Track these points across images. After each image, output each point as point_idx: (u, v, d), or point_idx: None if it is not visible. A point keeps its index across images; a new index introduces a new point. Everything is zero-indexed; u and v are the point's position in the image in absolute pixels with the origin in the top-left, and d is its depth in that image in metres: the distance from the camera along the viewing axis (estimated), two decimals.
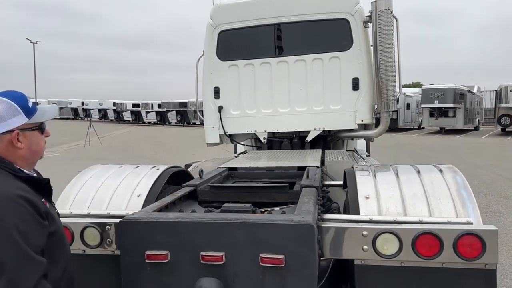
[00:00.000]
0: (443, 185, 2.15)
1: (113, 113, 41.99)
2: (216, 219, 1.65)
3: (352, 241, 1.78)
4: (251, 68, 4.48)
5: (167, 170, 2.70)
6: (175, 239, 1.66)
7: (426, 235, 1.71)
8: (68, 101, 49.91)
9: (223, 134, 4.56)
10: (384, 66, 4.09)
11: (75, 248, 2.05)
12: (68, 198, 2.50)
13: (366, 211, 2.07)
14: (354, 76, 4.28)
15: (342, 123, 4.37)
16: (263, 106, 4.48)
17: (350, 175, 2.38)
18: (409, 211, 2.04)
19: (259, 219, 1.62)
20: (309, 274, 1.57)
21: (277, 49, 4.45)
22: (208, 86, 4.57)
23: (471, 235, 1.67)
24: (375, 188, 2.18)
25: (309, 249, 1.56)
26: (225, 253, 1.62)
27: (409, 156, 13.94)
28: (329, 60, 4.33)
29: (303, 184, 2.29)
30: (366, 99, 4.28)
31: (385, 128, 4.31)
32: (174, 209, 2.14)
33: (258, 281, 1.61)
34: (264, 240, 1.59)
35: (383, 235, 1.74)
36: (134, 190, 2.47)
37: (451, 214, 1.99)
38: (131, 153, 15.73)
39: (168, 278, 1.67)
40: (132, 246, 1.70)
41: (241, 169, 3.09)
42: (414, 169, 2.37)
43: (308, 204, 1.86)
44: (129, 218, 1.72)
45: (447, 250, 1.70)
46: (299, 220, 1.58)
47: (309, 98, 4.39)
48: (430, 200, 2.07)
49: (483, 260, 1.68)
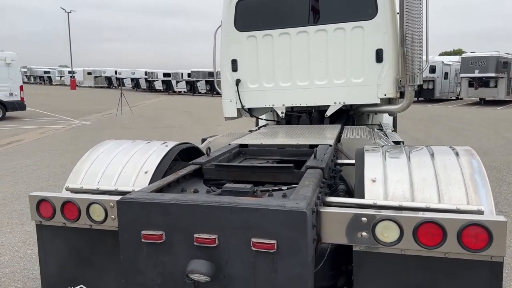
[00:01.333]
0: (456, 169, 2.02)
1: (145, 82, 42.64)
2: (209, 202, 1.63)
3: (350, 227, 1.72)
4: (270, 39, 4.35)
5: (175, 147, 2.70)
6: (170, 220, 1.67)
7: (429, 224, 1.62)
8: (102, 70, 51.09)
9: (241, 108, 4.51)
10: (410, 36, 3.83)
11: (82, 223, 2.13)
12: (80, 172, 2.57)
13: (372, 195, 1.99)
14: (378, 47, 4.06)
15: (364, 98, 4.20)
16: (281, 79, 4.37)
17: (359, 155, 2.29)
18: (417, 196, 1.94)
19: (251, 203, 1.59)
20: (301, 260, 1.54)
21: (297, 19, 4.27)
22: (225, 59, 4.49)
23: (477, 226, 1.57)
24: (384, 171, 2.09)
25: (302, 235, 1.52)
26: (218, 236, 1.61)
27: (442, 129, 13.39)
28: (352, 30, 4.12)
29: (308, 165, 2.22)
30: (390, 72, 4.07)
31: (409, 103, 4.11)
32: (177, 188, 2.15)
33: (251, 265, 1.60)
34: (257, 225, 1.57)
35: (383, 222, 1.67)
36: (142, 167, 2.50)
37: (462, 201, 1.88)
38: (159, 123, 16.03)
39: (164, 257, 1.70)
40: (129, 226, 1.73)
41: (252, 146, 3.05)
42: (428, 151, 2.24)
43: (308, 187, 1.80)
44: (126, 198, 1.74)
45: (451, 240, 1.61)
46: (291, 206, 1.54)
47: (330, 71, 4.23)
48: (441, 185, 1.96)
49: (489, 252, 1.58)
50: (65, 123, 15.66)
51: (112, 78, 48.40)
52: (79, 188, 2.44)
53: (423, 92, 26.61)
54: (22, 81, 16.93)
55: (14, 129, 13.65)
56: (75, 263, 2.21)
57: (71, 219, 2.13)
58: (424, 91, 26.48)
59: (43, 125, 15.00)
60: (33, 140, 11.66)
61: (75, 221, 2.13)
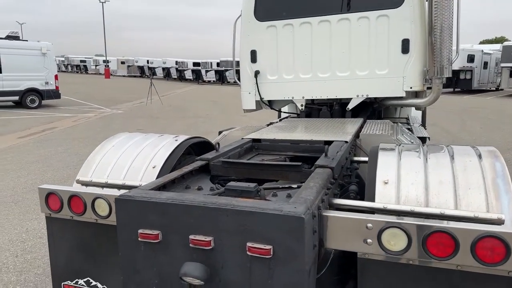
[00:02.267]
0: (477, 172, 1.86)
1: (176, 72, 43.20)
2: (206, 203, 1.58)
3: (355, 233, 1.62)
4: (290, 29, 4.21)
5: (185, 141, 2.67)
6: (166, 220, 1.62)
7: (440, 234, 1.49)
8: (135, 59, 52.20)
9: (259, 100, 4.43)
10: (439, 26, 3.60)
11: (88, 217, 2.13)
12: (91, 165, 2.59)
13: (383, 198, 1.87)
14: (404, 37, 3.85)
15: (388, 90, 4.00)
16: (301, 70, 4.24)
17: (373, 154, 2.16)
18: (431, 201, 1.81)
19: (248, 206, 1.52)
20: (298, 267, 1.46)
21: (318, 8, 4.10)
22: (244, 49, 4.40)
23: (493, 238, 1.43)
24: (397, 172, 1.96)
25: (298, 241, 1.44)
26: (214, 238, 1.56)
27: (478, 122, 12.74)
28: (377, 19, 3.92)
29: (317, 164, 2.12)
30: (416, 64, 3.85)
31: (436, 97, 3.88)
32: (181, 184, 2.11)
33: (246, 270, 1.54)
34: (253, 229, 1.50)
35: (390, 230, 1.55)
36: (151, 161, 2.49)
37: (481, 208, 1.73)
38: (187, 112, 16.20)
39: (161, 257, 1.67)
40: (127, 224, 1.70)
41: (265, 141, 2.97)
42: (448, 151, 2.09)
43: (311, 189, 1.71)
44: (124, 196, 1.71)
45: (464, 252, 1.48)
46: (288, 211, 1.45)
47: (352, 62, 4.05)
48: (459, 189, 1.81)
49: (506, 266, 1.44)
50: (97, 112, 16.12)
51: (144, 67, 49.37)
52: (89, 181, 2.46)
53: (459, 82, 25.45)
54: (57, 70, 17.51)
55: (48, 117, 14.20)
56: (83, 256, 2.23)
57: (78, 213, 2.14)
58: (461, 81, 25.31)
59: (76, 113, 15.51)
60: (66, 127, 12.08)
61: (81, 215, 2.14)
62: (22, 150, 8.75)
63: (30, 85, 16.16)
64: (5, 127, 11.94)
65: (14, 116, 14.24)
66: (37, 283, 3.26)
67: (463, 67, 24.80)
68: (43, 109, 16.22)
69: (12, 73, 15.67)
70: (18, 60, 15.73)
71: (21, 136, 10.48)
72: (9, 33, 16.11)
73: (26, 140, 9.87)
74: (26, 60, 15.91)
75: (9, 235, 4.20)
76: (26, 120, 13.41)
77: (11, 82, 15.72)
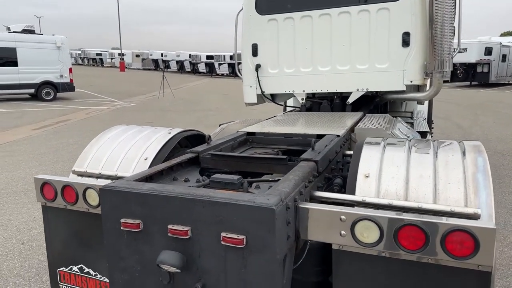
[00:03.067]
0: (458, 167, 1.86)
1: (189, 65, 43.40)
2: (184, 194, 1.63)
3: (329, 225, 1.64)
4: (291, 23, 4.22)
5: (178, 134, 2.72)
6: (147, 210, 1.68)
7: (411, 227, 1.51)
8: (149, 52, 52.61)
9: (261, 94, 4.45)
10: (440, 19, 3.55)
11: (80, 207, 2.22)
12: (87, 157, 2.67)
13: (363, 191, 1.89)
14: (405, 31, 3.82)
15: (388, 84, 3.98)
16: (302, 64, 4.24)
17: (358, 148, 2.18)
18: (410, 195, 1.82)
19: (223, 197, 1.56)
20: (270, 257, 1.50)
21: (319, 1, 4.09)
22: (246, 43, 4.43)
23: (463, 232, 1.44)
24: (379, 166, 1.97)
25: (270, 232, 1.48)
26: (191, 228, 1.61)
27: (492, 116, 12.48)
28: (377, 12, 3.89)
29: (302, 157, 2.15)
30: (417, 57, 3.82)
31: (437, 91, 3.84)
32: (170, 176, 2.17)
33: (222, 259, 1.59)
34: (227, 219, 1.54)
35: (362, 222, 1.58)
36: (143, 154, 2.55)
37: (459, 202, 1.74)
38: (198, 106, 16.31)
39: (142, 246, 1.73)
40: (111, 213, 1.77)
41: (259, 135, 3.00)
42: (432, 146, 2.09)
43: (289, 182, 1.74)
44: (107, 187, 1.77)
45: (434, 245, 1.49)
46: (261, 202, 1.49)
47: (353, 56, 4.04)
48: (439, 183, 1.82)
49: (475, 260, 1.45)
50: (110, 105, 16.38)
51: (158, 60, 49.73)
52: (84, 172, 2.55)
53: (476, 75, 24.88)
54: (71, 63, 17.82)
55: (63, 109, 14.50)
56: (76, 243, 2.32)
57: (70, 202, 2.22)
58: (478, 75, 24.74)
59: (89, 106, 15.79)
60: (79, 120, 12.33)
61: (74, 204, 2.22)
62: (35, 141, 8.99)
63: (45, 78, 16.52)
64: (21, 119, 12.26)
65: (30, 108, 14.59)
66: (39, 269, 3.39)
67: (480, 60, 24.23)
68: (58, 102, 16.56)
69: (28, 66, 16.03)
70: (33, 53, 16.09)
71: (35, 128, 10.75)
72: (24, 27, 16.45)
73: (40, 132, 10.12)
74: (41, 54, 16.25)
75: (17, 224, 4.36)
76: (41, 112, 13.72)
77: (27, 75, 16.10)
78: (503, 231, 4.11)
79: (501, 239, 3.92)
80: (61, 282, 2.41)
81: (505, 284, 3.12)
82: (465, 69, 24.99)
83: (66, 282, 2.40)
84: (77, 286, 2.36)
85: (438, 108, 13.83)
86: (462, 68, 24.95)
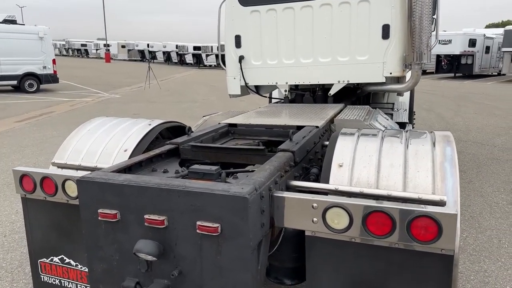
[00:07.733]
0: (427, 156, 1.94)
1: (176, 56, 42.94)
2: (160, 184, 1.66)
3: (302, 212, 1.70)
4: (273, 14, 4.23)
5: (158, 126, 2.74)
6: (123, 200, 1.71)
7: (378, 213, 1.58)
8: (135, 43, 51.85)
9: (244, 85, 4.48)
10: (419, 11, 3.61)
11: (60, 198, 2.23)
12: (67, 149, 2.68)
13: (336, 180, 1.96)
14: (384, 23, 3.87)
15: (368, 76, 4.05)
16: (285, 56, 4.28)
17: (334, 139, 2.24)
18: (381, 183, 1.89)
19: (198, 187, 1.60)
20: (243, 243, 1.55)
21: None
22: (229, 34, 4.43)
23: (426, 217, 1.51)
24: (353, 156, 2.04)
25: (243, 219, 1.53)
26: (167, 217, 1.65)
27: (474, 107, 12.71)
28: (358, 4, 3.93)
29: (279, 148, 2.20)
30: (396, 49, 3.88)
31: (415, 82, 3.92)
32: (149, 167, 2.20)
33: (197, 246, 1.63)
34: (202, 208, 1.59)
35: (333, 209, 1.64)
36: (123, 145, 2.57)
37: (427, 189, 1.81)
38: (184, 97, 16.22)
39: (120, 236, 1.76)
40: (88, 203, 1.79)
41: (241, 126, 3.04)
42: (404, 136, 2.16)
43: (264, 172, 1.79)
44: (85, 178, 1.80)
45: (400, 231, 1.56)
46: (234, 192, 1.54)
47: (334, 48, 4.09)
48: (408, 172, 1.89)
49: (438, 244, 1.53)
50: (95, 96, 16.16)
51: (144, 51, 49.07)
52: (64, 164, 2.56)
53: (460, 67, 25.23)
54: (54, 54, 17.49)
55: (47, 101, 14.26)
56: (56, 234, 2.34)
57: (50, 194, 2.24)
58: (462, 66, 25.08)
59: (74, 97, 15.56)
60: (63, 112, 12.15)
61: (53, 196, 2.23)
62: (18, 134, 8.85)
63: (28, 70, 16.18)
64: (4, 111, 12.04)
65: (12, 100, 14.31)
66: (22, 261, 3.39)
67: (464, 52, 24.56)
68: (42, 94, 16.27)
69: (9, 58, 15.68)
70: (15, 44, 15.72)
71: (18, 120, 10.58)
72: (6, 17, 16.05)
73: (23, 124, 9.97)
74: (24, 44, 15.89)
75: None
76: (24, 104, 13.48)
77: (9, 67, 15.75)
78: (478, 218, 4.25)
79: (476, 226, 4.05)
80: (42, 273, 2.43)
81: (477, 269, 3.24)
82: (450, 60, 25.32)
83: (47, 273, 2.42)
84: (58, 277, 2.38)
85: (422, 99, 14.03)
86: (446, 59, 25.27)
